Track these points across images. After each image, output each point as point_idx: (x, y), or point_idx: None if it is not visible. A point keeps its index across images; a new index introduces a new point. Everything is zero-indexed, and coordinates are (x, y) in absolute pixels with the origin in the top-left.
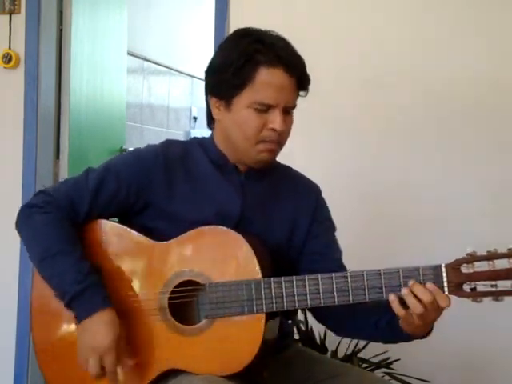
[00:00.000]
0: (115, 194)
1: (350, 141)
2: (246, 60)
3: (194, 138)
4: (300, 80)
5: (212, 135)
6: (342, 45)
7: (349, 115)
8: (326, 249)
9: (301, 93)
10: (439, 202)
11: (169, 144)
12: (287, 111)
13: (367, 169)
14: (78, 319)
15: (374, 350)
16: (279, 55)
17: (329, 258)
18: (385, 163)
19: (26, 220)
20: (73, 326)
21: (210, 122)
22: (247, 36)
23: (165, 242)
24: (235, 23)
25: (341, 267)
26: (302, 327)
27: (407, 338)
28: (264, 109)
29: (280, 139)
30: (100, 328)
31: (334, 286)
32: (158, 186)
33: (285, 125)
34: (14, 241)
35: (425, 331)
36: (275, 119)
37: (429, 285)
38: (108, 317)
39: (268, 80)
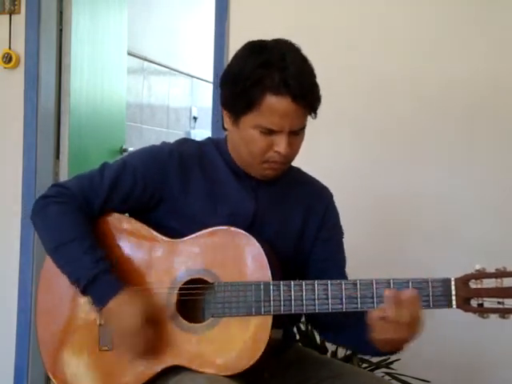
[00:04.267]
0: (131, 190)
1: (351, 146)
2: (254, 83)
3: (209, 138)
4: (309, 105)
5: (226, 139)
6: (342, 47)
7: (350, 120)
8: (331, 255)
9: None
10: (441, 207)
11: (184, 142)
12: (295, 132)
13: (368, 174)
14: (98, 306)
15: None
16: (288, 83)
17: (331, 266)
18: (386, 168)
19: (41, 210)
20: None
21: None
22: (261, 53)
23: (177, 240)
24: (235, 23)
25: (342, 276)
26: (302, 327)
27: (376, 350)
28: (269, 132)
29: (285, 160)
30: (123, 310)
31: (343, 292)
32: (172, 183)
33: (290, 147)
34: (15, 239)
35: (395, 348)
36: (280, 143)
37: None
38: (126, 296)
39: (274, 107)
